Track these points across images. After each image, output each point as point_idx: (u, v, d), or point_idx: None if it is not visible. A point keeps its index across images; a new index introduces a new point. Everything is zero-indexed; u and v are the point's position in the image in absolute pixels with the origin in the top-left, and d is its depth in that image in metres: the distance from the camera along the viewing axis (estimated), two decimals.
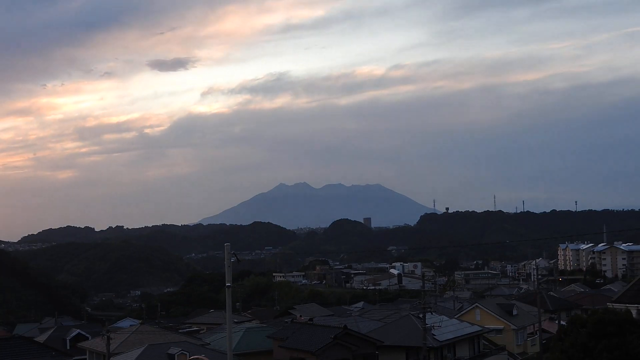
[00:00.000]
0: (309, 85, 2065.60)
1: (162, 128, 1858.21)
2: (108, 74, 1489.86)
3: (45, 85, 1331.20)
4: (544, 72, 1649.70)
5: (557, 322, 72.28)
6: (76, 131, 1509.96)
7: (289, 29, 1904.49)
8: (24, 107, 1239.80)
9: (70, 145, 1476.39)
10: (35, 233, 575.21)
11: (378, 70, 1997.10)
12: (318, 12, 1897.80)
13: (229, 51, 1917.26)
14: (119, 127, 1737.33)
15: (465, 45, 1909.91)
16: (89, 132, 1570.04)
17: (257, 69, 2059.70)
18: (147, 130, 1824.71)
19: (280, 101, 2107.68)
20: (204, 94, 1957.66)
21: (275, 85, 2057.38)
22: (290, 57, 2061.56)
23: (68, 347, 65.13)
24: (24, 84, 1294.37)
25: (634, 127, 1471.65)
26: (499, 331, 69.27)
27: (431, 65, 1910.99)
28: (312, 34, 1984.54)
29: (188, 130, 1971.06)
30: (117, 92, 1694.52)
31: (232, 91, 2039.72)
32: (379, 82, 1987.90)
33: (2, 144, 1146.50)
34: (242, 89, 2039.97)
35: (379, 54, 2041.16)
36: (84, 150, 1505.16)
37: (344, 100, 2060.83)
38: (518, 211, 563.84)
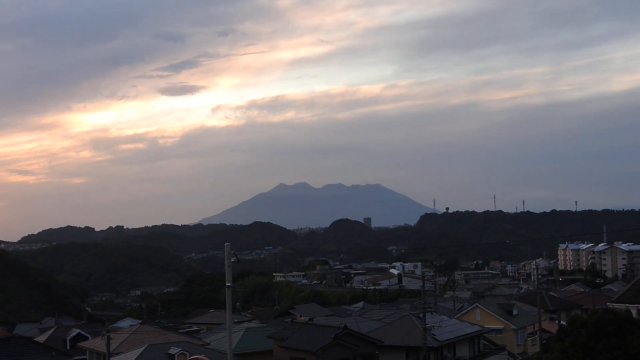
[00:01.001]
0: (311, 103, 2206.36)
1: (173, 139, 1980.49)
2: (126, 97, 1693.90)
3: (70, 107, 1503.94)
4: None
5: (557, 322, 72.32)
6: (93, 143, 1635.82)
7: (295, 62, 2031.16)
8: (47, 123, 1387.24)
9: (87, 155, 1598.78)
10: (35, 233, 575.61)
11: (375, 89, 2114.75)
12: (321, 50, 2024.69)
13: (241, 78, 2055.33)
14: (132, 139, 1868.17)
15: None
16: (104, 143, 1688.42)
17: (265, 92, 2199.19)
18: (159, 140, 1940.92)
19: (285, 115, 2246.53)
20: (214, 110, 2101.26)
21: (279, 102, 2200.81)
22: (296, 82, 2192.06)
23: (68, 347, 65.12)
24: (52, 106, 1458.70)
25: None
26: (499, 331, 69.21)
27: (423, 85, 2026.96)
28: (316, 65, 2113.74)
29: (196, 138, 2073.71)
30: (133, 110, 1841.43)
31: (240, 107, 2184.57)
32: (376, 99, 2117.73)
33: (26, 154, 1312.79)
34: (251, 105, 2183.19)
35: (375, 77, 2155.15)
36: (98, 158, 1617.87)
37: (342, 115, 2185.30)
38: (518, 211, 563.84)
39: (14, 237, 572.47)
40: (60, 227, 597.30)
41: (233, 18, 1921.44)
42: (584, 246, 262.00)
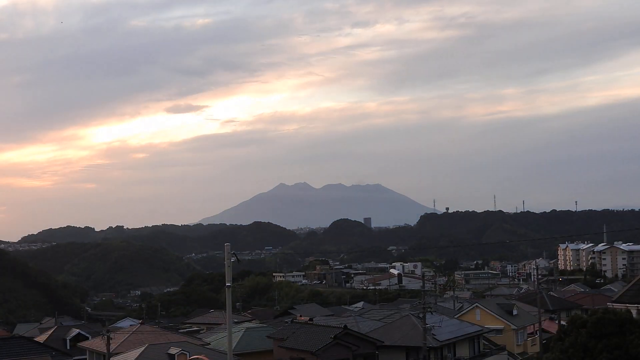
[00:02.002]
0: (314, 118, 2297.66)
1: (180, 148, 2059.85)
2: (138, 114, 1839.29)
3: (87, 123, 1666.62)
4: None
5: (557, 322, 72.27)
6: (105, 152, 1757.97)
7: (303, 85, 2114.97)
8: (65, 136, 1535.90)
9: (99, 163, 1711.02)
10: (35, 233, 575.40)
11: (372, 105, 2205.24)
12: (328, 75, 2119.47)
13: (247, 98, 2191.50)
14: (143, 149, 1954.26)
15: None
16: (114, 152, 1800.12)
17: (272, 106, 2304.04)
18: (162, 146, 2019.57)
19: (289, 127, 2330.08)
20: (218, 122, 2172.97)
21: (285, 116, 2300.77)
22: (302, 100, 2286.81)
23: (68, 347, 65.10)
24: (72, 123, 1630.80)
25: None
26: (499, 331, 69.17)
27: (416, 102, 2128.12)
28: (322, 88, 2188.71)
29: (196, 140, 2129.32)
30: (142, 124, 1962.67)
31: (245, 122, 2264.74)
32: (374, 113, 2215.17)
33: (46, 162, 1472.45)
34: (258, 120, 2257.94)
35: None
36: (108, 166, 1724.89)
37: (344, 127, 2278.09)
38: (518, 211, 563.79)
39: (14, 237, 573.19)
40: (60, 227, 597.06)
41: (242, 53, 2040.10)
42: (584, 246, 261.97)
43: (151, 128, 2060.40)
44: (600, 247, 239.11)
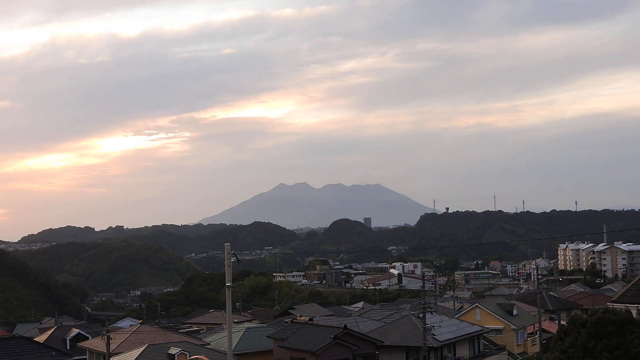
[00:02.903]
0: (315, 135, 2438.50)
1: (187, 155, 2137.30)
2: (147, 128, 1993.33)
3: (101, 136, 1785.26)
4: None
5: (557, 322, 72.26)
6: (116, 161, 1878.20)
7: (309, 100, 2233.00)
8: (79, 146, 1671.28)
9: (110, 170, 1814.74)
10: (35, 233, 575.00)
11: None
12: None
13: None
14: (153, 158, 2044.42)
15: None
16: (125, 161, 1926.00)
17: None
18: (166, 150, 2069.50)
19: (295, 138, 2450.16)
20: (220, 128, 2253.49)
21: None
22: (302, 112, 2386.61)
23: (68, 347, 65.06)
24: (87, 136, 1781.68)
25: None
26: (499, 331, 69.15)
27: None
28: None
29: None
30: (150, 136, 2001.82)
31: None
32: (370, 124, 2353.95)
33: (62, 169, 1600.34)
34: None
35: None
36: (117, 173, 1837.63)
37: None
38: (518, 211, 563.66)
39: (14, 237, 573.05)
40: (60, 227, 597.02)
41: (246, 81, 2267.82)
42: (584, 246, 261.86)
43: (159, 137, 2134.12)
44: (600, 247, 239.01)
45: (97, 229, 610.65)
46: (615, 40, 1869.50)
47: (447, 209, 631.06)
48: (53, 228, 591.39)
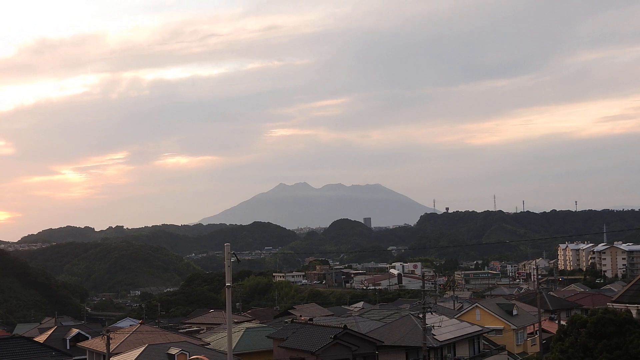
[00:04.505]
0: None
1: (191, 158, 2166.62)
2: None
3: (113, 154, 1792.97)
4: None
5: (557, 322, 72.24)
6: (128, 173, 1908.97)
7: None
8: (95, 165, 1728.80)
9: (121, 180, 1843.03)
10: (35, 233, 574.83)
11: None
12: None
13: None
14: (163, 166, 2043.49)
15: None
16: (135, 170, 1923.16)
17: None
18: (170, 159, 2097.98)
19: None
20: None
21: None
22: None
23: (68, 347, 65.03)
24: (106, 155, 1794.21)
25: None
26: (499, 331, 69.12)
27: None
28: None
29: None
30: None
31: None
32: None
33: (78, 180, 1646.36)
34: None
35: None
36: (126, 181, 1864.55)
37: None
38: (518, 211, 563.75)
39: (14, 237, 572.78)
40: (60, 227, 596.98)
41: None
42: (583, 246, 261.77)
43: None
44: (600, 247, 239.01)
45: (97, 229, 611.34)
46: None
47: (447, 209, 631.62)
48: (53, 228, 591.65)
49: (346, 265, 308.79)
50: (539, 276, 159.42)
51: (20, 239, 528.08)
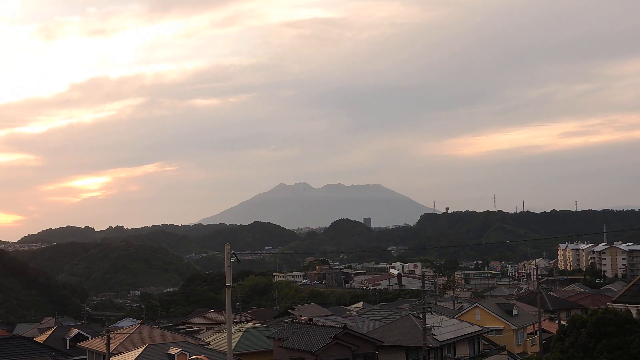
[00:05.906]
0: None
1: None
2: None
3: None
4: None
5: (557, 322, 72.25)
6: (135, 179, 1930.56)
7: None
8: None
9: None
10: (35, 233, 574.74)
11: None
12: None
13: None
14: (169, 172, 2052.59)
15: None
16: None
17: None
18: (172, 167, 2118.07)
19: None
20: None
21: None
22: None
23: (68, 347, 65.07)
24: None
25: None
26: (499, 331, 69.08)
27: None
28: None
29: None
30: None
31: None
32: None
33: (96, 184, 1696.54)
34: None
35: None
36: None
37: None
38: (518, 211, 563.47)
39: (14, 237, 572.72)
40: (60, 227, 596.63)
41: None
42: (583, 246, 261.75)
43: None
44: (600, 247, 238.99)
45: (97, 229, 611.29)
46: None
47: (447, 209, 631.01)
48: (53, 228, 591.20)
49: (346, 265, 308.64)
50: (539, 276, 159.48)
51: (20, 239, 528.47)
